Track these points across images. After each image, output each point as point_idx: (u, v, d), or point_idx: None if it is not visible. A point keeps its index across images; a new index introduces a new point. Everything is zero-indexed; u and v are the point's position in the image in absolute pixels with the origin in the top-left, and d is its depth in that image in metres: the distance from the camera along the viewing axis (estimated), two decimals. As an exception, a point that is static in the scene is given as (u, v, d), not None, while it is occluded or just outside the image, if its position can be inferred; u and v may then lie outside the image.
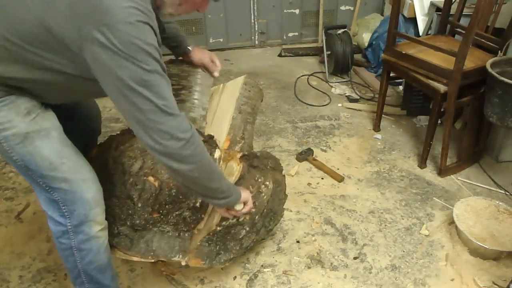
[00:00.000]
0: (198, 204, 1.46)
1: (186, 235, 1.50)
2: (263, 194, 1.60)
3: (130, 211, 1.44)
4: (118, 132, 1.65)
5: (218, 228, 1.51)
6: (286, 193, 1.80)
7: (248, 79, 1.92)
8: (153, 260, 1.51)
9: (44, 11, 1.05)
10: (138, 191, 1.44)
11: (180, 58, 1.74)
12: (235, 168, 1.60)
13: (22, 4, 1.06)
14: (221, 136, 1.71)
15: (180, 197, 1.45)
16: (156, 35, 1.10)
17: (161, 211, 1.45)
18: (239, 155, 1.65)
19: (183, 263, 1.50)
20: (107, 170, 1.49)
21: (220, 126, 1.75)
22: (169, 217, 1.46)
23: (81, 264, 1.39)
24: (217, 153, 1.52)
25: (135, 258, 1.48)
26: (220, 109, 1.82)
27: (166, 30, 1.61)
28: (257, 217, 1.59)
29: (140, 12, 1.03)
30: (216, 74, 1.74)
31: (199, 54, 1.70)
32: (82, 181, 1.29)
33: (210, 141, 1.56)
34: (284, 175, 1.82)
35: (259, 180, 1.61)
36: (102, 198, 1.36)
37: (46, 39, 1.07)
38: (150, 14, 1.08)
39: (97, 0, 1.00)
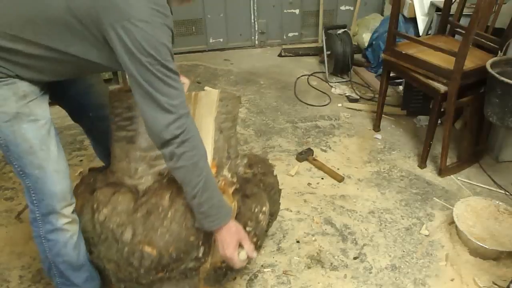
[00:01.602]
0: (200, 254, 1.43)
1: (193, 273, 1.47)
2: (262, 222, 1.56)
3: (133, 275, 1.40)
4: (96, 183, 1.54)
5: (223, 265, 1.49)
6: (285, 191, 1.78)
7: (223, 93, 1.67)
8: None
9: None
10: (138, 259, 1.38)
11: None
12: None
13: None
14: None
15: (182, 255, 1.40)
16: (172, 32, 1.14)
17: (165, 270, 1.41)
18: (231, 190, 1.55)
19: None
20: (97, 233, 1.43)
21: None
22: (175, 272, 1.42)
23: (50, 255, 1.39)
24: None
25: None
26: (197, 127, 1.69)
27: None
28: (259, 242, 1.58)
29: (157, 12, 1.07)
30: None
31: None
32: (55, 172, 1.30)
33: None
34: (275, 175, 1.80)
35: (256, 210, 1.55)
36: (71, 194, 1.36)
37: (70, 24, 1.10)
38: (166, 12, 1.11)
39: None
